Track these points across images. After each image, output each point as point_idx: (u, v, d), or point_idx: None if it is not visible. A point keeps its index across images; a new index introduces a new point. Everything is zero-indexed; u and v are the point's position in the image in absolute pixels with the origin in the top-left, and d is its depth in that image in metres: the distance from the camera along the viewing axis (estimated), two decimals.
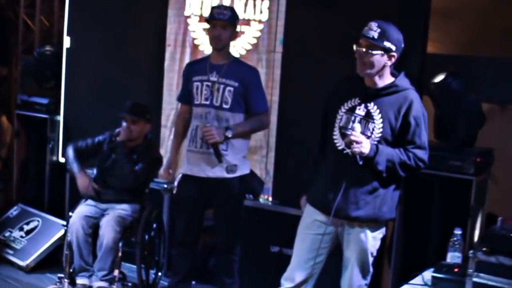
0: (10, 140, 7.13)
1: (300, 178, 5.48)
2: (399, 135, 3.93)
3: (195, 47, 6.02)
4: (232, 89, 4.90)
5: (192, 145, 5.02)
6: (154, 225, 5.67)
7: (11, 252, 6.32)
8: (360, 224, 4.01)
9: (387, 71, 3.98)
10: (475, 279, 3.90)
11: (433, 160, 4.89)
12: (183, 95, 5.18)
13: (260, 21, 5.74)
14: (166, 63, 6.17)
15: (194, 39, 6.03)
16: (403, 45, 3.97)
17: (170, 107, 6.17)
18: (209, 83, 4.93)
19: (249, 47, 5.78)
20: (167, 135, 6.20)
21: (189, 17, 6.06)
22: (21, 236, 6.37)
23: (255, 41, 5.76)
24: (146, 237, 5.55)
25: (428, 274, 4.22)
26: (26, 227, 6.43)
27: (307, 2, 5.62)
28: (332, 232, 4.12)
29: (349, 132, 3.91)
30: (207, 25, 5.86)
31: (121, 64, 6.37)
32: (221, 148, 4.87)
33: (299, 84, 5.62)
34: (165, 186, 6.03)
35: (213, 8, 5.04)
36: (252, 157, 5.73)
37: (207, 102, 4.93)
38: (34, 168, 6.84)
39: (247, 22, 5.76)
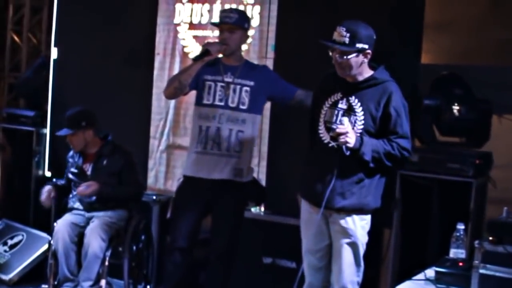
0: None
1: (293, 188, 5.35)
2: (381, 126, 4.01)
3: (184, 55, 5.92)
4: (248, 88, 4.73)
5: (199, 146, 4.76)
6: (143, 237, 5.50)
7: None
8: (347, 213, 4.06)
9: (365, 66, 4.06)
10: (482, 271, 3.71)
11: (431, 162, 4.87)
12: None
13: (251, 27, 5.61)
14: (155, 72, 6.05)
15: (184, 47, 5.93)
16: (375, 37, 4.02)
17: (159, 117, 6.05)
18: (224, 84, 4.74)
19: None
20: (156, 146, 6.06)
21: (178, 24, 5.97)
22: (5, 251, 6.19)
23: (246, 47, 5.64)
24: (134, 248, 5.39)
25: (430, 272, 4.04)
26: (10, 242, 6.26)
27: (298, 7, 5.54)
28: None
29: (334, 126, 3.99)
30: (197, 33, 5.78)
31: (110, 75, 6.26)
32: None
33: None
34: (154, 197, 5.87)
35: (220, 12, 4.89)
36: None
37: (222, 103, 4.72)
38: (19, 182, 6.71)
39: None
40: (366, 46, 3.95)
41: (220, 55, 4.76)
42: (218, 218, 4.86)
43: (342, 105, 4.05)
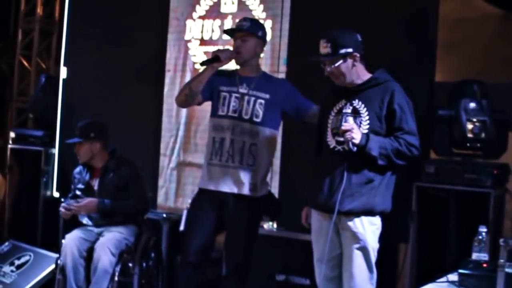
0: (4, 196, 7.04)
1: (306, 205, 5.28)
2: (387, 125, 3.98)
3: (195, 71, 5.85)
4: (263, 101, 4.59)
5: (215, 158, 4.62)
6: (152, 255, 5.37)
7: (0, 286, 6.02)
8: (356, 215, 3.99)
9: (360, 68, 4.08)
10: (508, 270, 3.56)
11: (448, 174, 4.76)
12: (204, 90, 4.64)
13: None
14: (166, 89, 6.01)
15: (194, 63, 5.90)
16: (360, 39, 4.05)
17: (169, 134, 5.99)
18: (238, 95, 4.61)
19: None
20: (166, 164, 5.98)
21: (189, 41, 5.94)
22: (12, 271, 6.10)
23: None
24: (144, 265, 5.26)
25: (452, 277, 3.91)
26: (17, 262, 6.17)
27: (310, 21, 5.50)
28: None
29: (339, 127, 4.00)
30: (208, 49, 5.71)
31: (120, 92, 6.23)
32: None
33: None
34: (164, 215, 5.76)
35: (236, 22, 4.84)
36: None
37: (235, 115, 4.58)
38: (27, 203, 6.63)
39: None
40: (350, 50, 3.98)
41: (237, 67, 4.67)
42: (231, 233, 4.70)
43: (347, 109, 4.03)
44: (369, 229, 3.99)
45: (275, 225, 5.48)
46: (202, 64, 4.60)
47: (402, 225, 4.86)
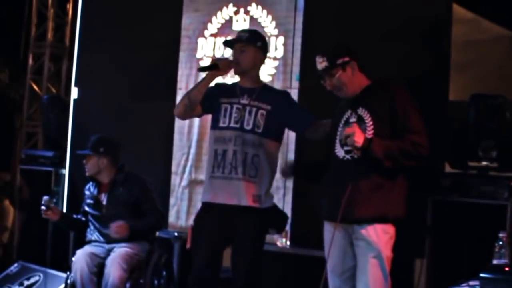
0: (12, 225, 7.03)
1: (319, 220, 5.20)
2: (391, 127, 3.94)
3: None
4: (265, 112, 4.52)
5: (218, 171, 4.54)
6: (164, 273, 5.30)
7: None
8: (368, 223, 3.94)
9: (360, 76, 4.10)
10: None
11: (464, 186, 4.71)
12: (204, 102, 4.58)
13: (275, 58, 5.59)
14: None
15: None
16: (354, 49, 4.12)
17: (181, 152, 5.95)
18: (240, 106, 4.56)
19: None
20: (177, 182, 5.94)
21: (201, 59, 5.93)
22: None
23: (270, 78, 5.57)
24: (156, 282, 5.20)
25: (473, 282, 3.83)
26: (26, 282, 6.12)
27: (322, 36, 5.47)
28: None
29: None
30: None
31: (131, 111, 6.21)
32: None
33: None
34: (176, 234, 5.70)
35: None
36: None
37: (237, 125, 4.52)
38: (37, 224, 6.52)
39: None
40: (347, 59, 4.02)
41: (238, 79, 4.64)
42: (237, 246, 4.58)
43: (353, 119, 4.03)
44: (383, 237, 3.92)
45: (288, 242, 5.41)
46: (199, 70, 4.63)
47: (418, 240, 4.80)
